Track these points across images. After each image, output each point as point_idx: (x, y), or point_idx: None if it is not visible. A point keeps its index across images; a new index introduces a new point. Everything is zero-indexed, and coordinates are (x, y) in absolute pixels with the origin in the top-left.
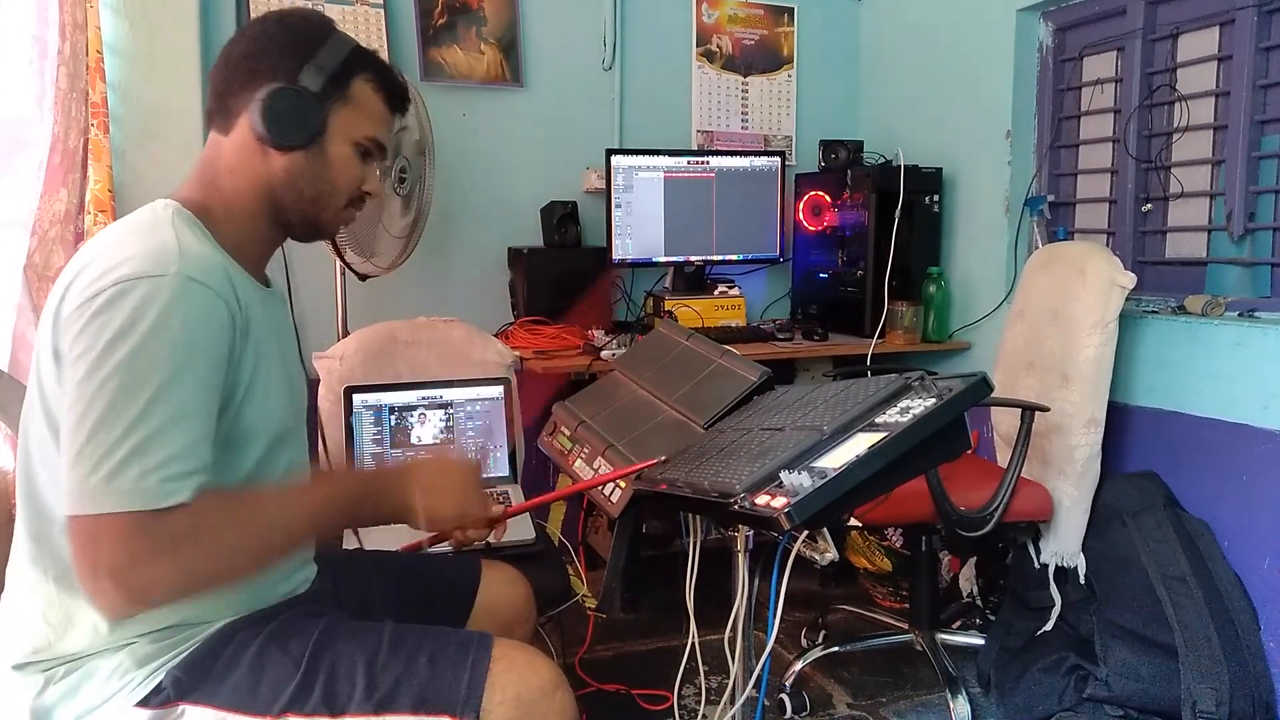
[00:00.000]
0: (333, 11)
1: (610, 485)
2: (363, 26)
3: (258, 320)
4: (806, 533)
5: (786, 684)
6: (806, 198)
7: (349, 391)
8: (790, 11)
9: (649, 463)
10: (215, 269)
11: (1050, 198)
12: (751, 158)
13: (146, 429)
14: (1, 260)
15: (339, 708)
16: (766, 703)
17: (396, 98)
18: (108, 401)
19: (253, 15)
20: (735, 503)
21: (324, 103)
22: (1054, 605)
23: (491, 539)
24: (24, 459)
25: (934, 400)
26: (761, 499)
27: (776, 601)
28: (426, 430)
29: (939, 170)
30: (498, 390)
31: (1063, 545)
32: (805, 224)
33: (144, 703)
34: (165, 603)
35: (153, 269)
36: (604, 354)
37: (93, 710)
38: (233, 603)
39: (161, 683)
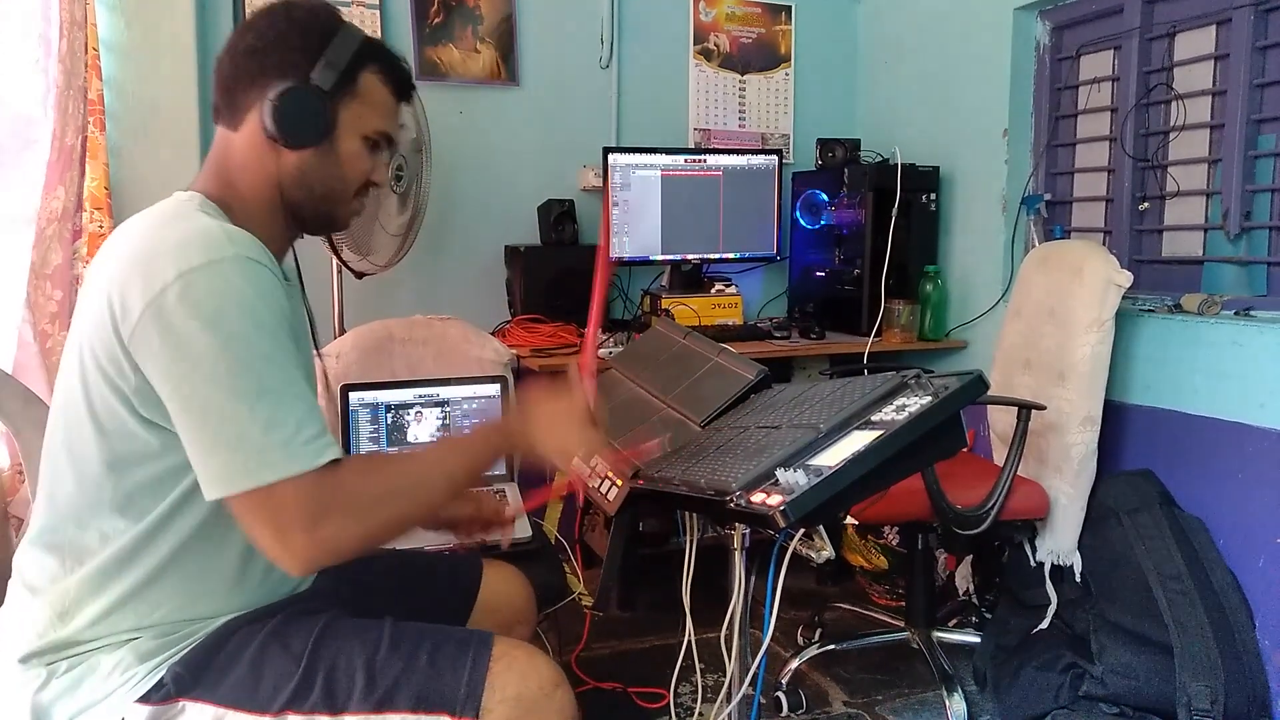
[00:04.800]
0: None
1: (608, 484)
2: (357, 25)
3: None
4: (803, 530)
5: (783, 682)
6: (804, 196)
7: (345, 390)
8: (788, 10)
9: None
10: (261, 249)
11: (1047, 196)
12: (749, 156)
13: (271, 401)
14: (6, 258)
15: (339, 705)
16: (763, 701)
17: (403, 87)
18: (223, 388)
19: (249, 10)
20: (731, 500)
21: (334, 99)
22: (1050, 603)
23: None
24: (50, 452)
25: (930, 398)
26: (758, 497)
27: (773, 599)
28: (423, 428)
29: (936, 169)
30: (494, 388)
31: (1059, 543)
32: (802, 222)
33: (145, 698)
34: (358, 550)
35: (210, 254)
36: (601, 352)
37: (94, 705)
38: (235, 600)
39: (163, 678)
